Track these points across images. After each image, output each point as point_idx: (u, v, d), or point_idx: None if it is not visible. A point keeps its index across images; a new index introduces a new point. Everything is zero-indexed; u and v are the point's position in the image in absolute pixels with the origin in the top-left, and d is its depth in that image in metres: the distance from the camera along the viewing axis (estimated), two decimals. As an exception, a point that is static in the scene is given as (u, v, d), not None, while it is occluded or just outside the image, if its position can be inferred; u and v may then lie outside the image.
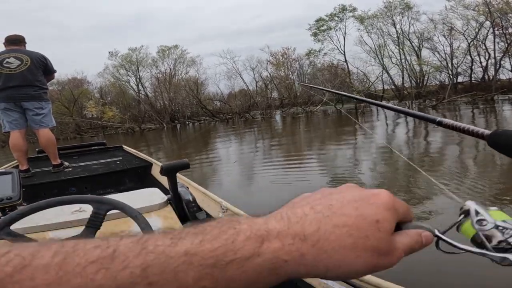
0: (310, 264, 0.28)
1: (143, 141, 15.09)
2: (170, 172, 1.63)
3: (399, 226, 0.33)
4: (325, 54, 26.28)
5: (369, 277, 0.98)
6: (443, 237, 0.33)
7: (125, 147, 4.33)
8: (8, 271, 0.21)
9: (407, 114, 0.89)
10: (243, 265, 0.26)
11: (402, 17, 23.21)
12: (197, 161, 7.43)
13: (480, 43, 20.32)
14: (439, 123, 0.69)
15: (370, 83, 23.30)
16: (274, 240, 0.28)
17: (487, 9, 18.86)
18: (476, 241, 0.33)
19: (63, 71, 29.97)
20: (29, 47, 3.46)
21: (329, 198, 0.32)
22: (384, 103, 1.11)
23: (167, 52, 25.26)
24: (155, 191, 1.76)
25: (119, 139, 16.97)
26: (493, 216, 0.33)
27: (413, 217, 0.34)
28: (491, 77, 20.56)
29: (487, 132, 0.54)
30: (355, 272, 0.29)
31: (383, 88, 24.49)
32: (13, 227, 0.91)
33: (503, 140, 0.49)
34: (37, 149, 3.87)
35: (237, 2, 56.99)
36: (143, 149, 11.19)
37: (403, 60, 23.55)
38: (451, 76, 21.57)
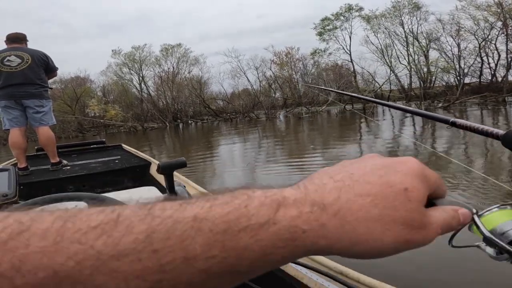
0: (333, 236, 0.25)
1: (145, 140, 15.17)
2: (167, 170, 1.66)
3: (432, 202, 0.30)
4: (330, 54, 26.30)
5: (363, 277, 1.01)
6: (478, 220, 0.30)
7: (124, 146, 4.37)
8: (3, 238, 0.20)
9: (420, 115, 0.89)
10: (257, 233, 0.24)
11: (411, 17, 23.14)
12: (201, 162, 7.48)
13: (489, 43, 20.18)
14: (453, 124, 0.69)
15: (379, 85, 23.25)
16: (291, 207, 0.25)
17: (499, 9, 18.73)
18: (489, 240, 0.33)
19: (66, 69, 30.30)
20: (35, 45, 3.51)
21: (350, 167, 0.29)
22: (393, 103, 1.12)
23: (170, 50, 25.41)
24: (152, 189, 1.77)
25: (121, 138, 17.07)
26: (509, 214, 0.33)
27: (446, 192, 0.31)
28: (499, 78, 20.43)
29: (501, 132, 0.54)
30: (385, 247, 0.26)
31: (390, 88, 24.40)
32: None
33: None
34: (36, 147, 3.92)
35: (241, 1, 57.19)
36: (145, 149, 11.27)
37: (411, 61, 23.47)
38: (459, 77, 21.44)
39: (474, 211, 0.30)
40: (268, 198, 0.26)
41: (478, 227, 0.30)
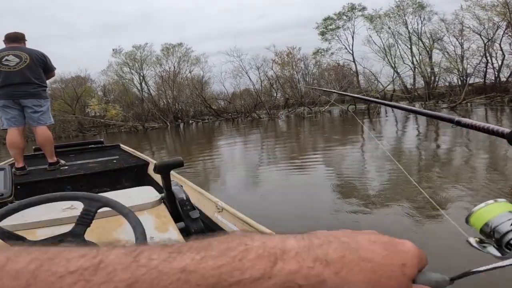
0: None
1: (146, 140, 15.20)
2: (163, 170, 1.66)
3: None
4: (332, 53, 26.31)
5: None
6: (457, 276, 0.33)
7: (122, 146, 4.39)
8: None
9: (425, 114, 0.90)
10: (249, 287, 0.23)
11: (414, 16, 23.09)
12: (202, 162, 7.49)
13: (492, 44, 20.12)
14: (458, 123, 0.71)
15: (383, 87, 23.20)
16: (291, 261, 0.25)
17: (504, 9, 18.66)
18: (484, 232, 0.36)
19: (67, 69, 30.42)
20: (36, 45, 3.53)
21: (354, 235, 0.31)
22: (398, 104, 1.13)
23: (171, 50, 25.45)
24: (149, 189, 1.78)
25: (121, 138, 17.10)
26: (502, 207, 0.36)
27: (426, 265, 0.34)
28: (502, 79, 20.40)
29: (507, 130, 0.55)
30: None
31: (394, 89, 24.36)
32: (2, 223, 0.93)
33: None
34: (34, 147, 3.94)
35: (242, 1, 57.29)
36: (146, 148, 11.29)
37: (414, 61, 23.44)
38: (463, 77, 21.38)
39: (447, 278, 0.33)
40: (267, 250, 0.25)
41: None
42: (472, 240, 0.36)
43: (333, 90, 6.67)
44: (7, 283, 0.20)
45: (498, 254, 0.34)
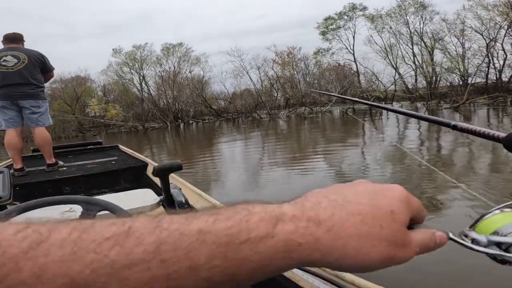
0: (326, 250, 0.28)
1: (146, 140, 15.21)
2: (162, 173, 1.65)
3: (412, 227, 0.34)
4: (332, 53, 26.32)
5: (358, 280, 1.02)
6: (456, 239, 0.34)
7: (121, 146, 4.39)
8: (24, 247, 0.22)
9: (421, 119, 0.89)
10: (256, 245, 0.26)
11: (416, 16, 23.07)
12: (202, 163, 7.49)
13: (494, 43, 20.10)
14: (454, 127, 0.70)
15: (385, 87, 23.19)
16: (288, 223, 0.28)
17: (507, 9, 18.65)
18: (492, 241, 0.35)
19: (66, 69, 30.47)
20: (35, 45, 3.54)
21: (343, 190, 0.32)
22: (396, 107, 1.12)
23: (171, 50, 25.46)
24: (148, 192, 1.78)
25: (121, 138, 17.12)
26: (509, 217, 0.35)
27: (425, 217, 0.35)
28: (504, 79, 20.37)
29: (502, 135, 0.55)
30: (371, 262, 0.29)
31: (395, 89, 24.36)
32: None
33: None
34: (32, 148, 3.94)
35: (242, 1, 57.39)
36: (146, 148, 11.30)
37: (416, 61, 23.42)
38: (464, 77, 21.36)
39: (450, 235, 0.34)
40: (268, 213, 0.28)
41: (458, 242, 0.34)
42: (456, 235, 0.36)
43: (333, 94, 6.66)
44: (55, 251, 0.22)
45: (498, 252, 0.34)
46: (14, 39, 3.39)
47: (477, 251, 0.33)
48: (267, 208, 0.29)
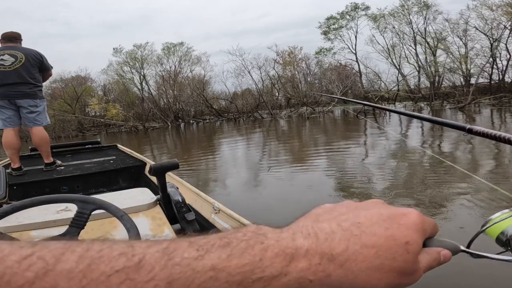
0: (335, 285, 0.28)
1: (147, 140, 15.22)
2: (159, 172, 1.67)
3: (423, 242, 0.35)
4: (334, 53, 26.31)
5: None
6: (468, 250, 0.35)
7: (119, 146, 4.40)
8: (30, 277, 0.21)
9: (436, 122, 0.88)
10: (269, 283, 0.26)
11: (420, 16, 23.02)
12: (203, 163, 7.49)
13: (498, 43, 20.05)
14: (470, 131, 0.69)
15: (387, 88, 23.16)
16: (302, 259, 0.28)
17: (511, 9, 18.60)
18: (501, 240, 0.37)
19: (67, 68, 30.54)
20: (36, 44, 3.56)
21: (357, 214, 0.32)
22: (401, 109, 1.11)
23: (172, 49, 25.49)
24: (145, 191, 1.78)
25: (122, 138, 17.16)
26: None
27: (437, 232, 0.35)
28: (507, 79, 20.34)
29: None
30: None
31: (398, 88, 24.35)
32: None
33: None
34: (30, 147, 3.96)
35: (243, 1, 57.54)
36: (146, 149, 11.31)
37: (419, 61, 23.37)
38: (468, 78, 21.31)
39: (461, 247, 0.35)
40: (282, 249, 0.28)
41: (470, 253, 0.35)
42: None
43: (336, 96, 6.68)
44: (62, 284, 0.21)
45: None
46: (12, 38, 3.40)
47: (491, 258, 0.35)
48: (281, 241, 0.28)
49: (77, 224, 0.97)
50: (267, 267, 0.26)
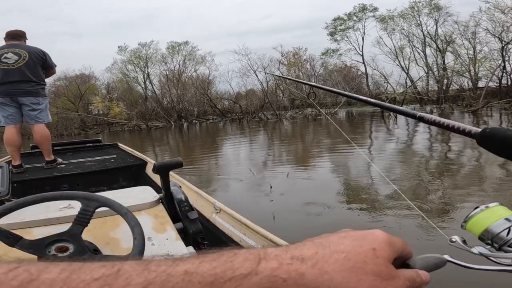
0: (312, 285, 0.29)
1: (150, 140, 15.26)
2: (162, 170, 1.68)
3: (406, 264, 0.36)
4: (340, 55, 26.32)
5: None
6: (454, 261, 0.36)
7: (120, 145, 4.43)
8: (14, 285, 0.23)
9: (386, 108, 0.88)
10: (241, 283, 0.28)
11: (430, 18, 22.92)
12: (206, 164, 7.52)
13: (507, 47, 19.90)
14: (420, 119, 0.70)
15: (395, 90, 23.09)
16: (272, 260, 0.30)
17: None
18: (483, 238, 0.38)
19: (71, 66, 30.79)
20: (40, 42, 3.61)
21: (327, 236, 0.35)
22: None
23: (177, 48, 25.62)
24: (147, 189, 1.77)
25: (124, 137, 17.22)
26: (497, 213, 0.38)
27: (412, 252, 0.37)
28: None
29: (475, 130, 0.54)
30: None
31: (406, 91, 24.26)
32: None
33: (493, 139, 0.49)
34: (31, 145, 4.00)
35: (248, 1, 57.71)
36: (148, 149, 11.36)
37: (428, 63, 23.25)
38: (476, 81, 21.15)
39: (447, 258, 0.36)
40: (252, 254, 0.30)
41: (457, 264, 0.36)
42: (458, 238, 0.38)
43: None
44: None
45: (493, 253, 0.36)
46: (16, 36, 3.45)
47: (479, 269, 0.35)
48: (251, 250, 0.31)
49: (80, 221, 0.98)
50: (237, 268, 0.28)
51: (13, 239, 0.94)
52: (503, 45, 19.87)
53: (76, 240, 0.97)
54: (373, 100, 0.95)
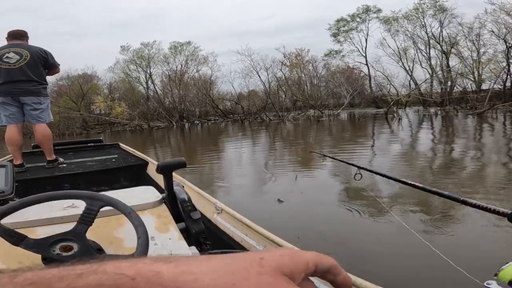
0: (172, 284, 0.25)
1: (151, 140, 15.30)
2: (166, 170, 1.69)
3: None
4: (343, 56, 26.34)
5: (354, 278, 1.01)
6: None
7: (121, 145, 4.44)
8: None
9: (430, 192, 0.95)
10: (73, 281, 0.24)
11: (434, 19, 22.90)
12: (208, 165, 7.53)
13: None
14: (464, 202, 0.79)
15: (398, 92, 23.06)
16: (121, 261, 0.26)
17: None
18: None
19: (74, 66, 30.94)
20: (43, 42, 3.64)
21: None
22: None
23: (179, 48, 25.70)
24: (150, 189, 1.77)
25: (126, 137, 17.27)
26: None
27: (332, 263, 0.33)
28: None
29: (506, 211, 0.64)
30: None
31: (409, 93, 24.25)
32: (3, 221, 0.96)
33: None
34: (32, 144, 4.02)
35: (250, 1, 57.90)
36: (150, 150, 11.39)
37: (432, 65, 23.23)
38: (479, 83, 21.12)
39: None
40: (91, 260, 0.27)
41: None
42: (493, 283, 0.44)
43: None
44: None
45: None
46: (18, 36, 3.46)
47: None
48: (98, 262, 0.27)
49: (85, 220, 0.98)
50: (73, 269, 0.25)
51: (17, 238, 0.94)
52: (507, 47, 19.84)
53: (80, 240, 0.98)
54: (427, 187, 1.03)
